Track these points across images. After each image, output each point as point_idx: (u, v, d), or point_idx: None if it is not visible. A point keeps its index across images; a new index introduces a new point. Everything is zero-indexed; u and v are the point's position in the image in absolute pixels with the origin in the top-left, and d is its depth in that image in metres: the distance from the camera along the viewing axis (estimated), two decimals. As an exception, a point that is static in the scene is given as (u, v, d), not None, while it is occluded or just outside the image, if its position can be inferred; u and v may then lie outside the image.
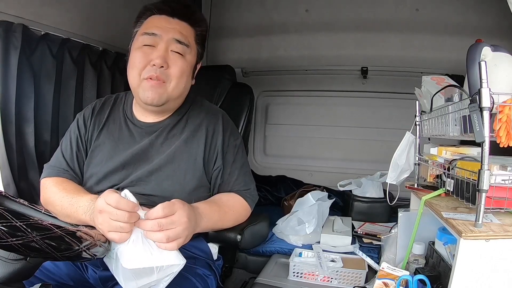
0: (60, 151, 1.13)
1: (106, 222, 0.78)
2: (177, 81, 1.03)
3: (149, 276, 0.77)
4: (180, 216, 0.82)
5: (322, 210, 1.71)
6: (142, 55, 1.01)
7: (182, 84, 1.05)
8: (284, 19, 2.31)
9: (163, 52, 1.00)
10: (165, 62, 1.00)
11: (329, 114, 2.42)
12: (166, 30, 1.02)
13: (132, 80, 1.04)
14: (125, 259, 0.77)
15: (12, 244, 0.62)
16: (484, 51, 0.87)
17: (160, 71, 1.00)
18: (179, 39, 1.02)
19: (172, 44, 1.02)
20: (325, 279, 1.31)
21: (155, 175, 1.04)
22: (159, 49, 1.01)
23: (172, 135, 1.09)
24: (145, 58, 1.00)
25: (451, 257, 0.95)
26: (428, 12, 2.07)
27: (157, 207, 0.80)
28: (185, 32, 1.04)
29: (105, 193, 0.81)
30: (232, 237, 1.08)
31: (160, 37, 1.01)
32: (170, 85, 1.02)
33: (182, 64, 1.03)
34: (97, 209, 0.80)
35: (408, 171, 1.24)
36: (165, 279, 0.80)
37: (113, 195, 0.79)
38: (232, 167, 1.12)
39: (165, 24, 1.02)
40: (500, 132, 0.79)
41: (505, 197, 0.82)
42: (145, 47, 1.01)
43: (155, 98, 1.01)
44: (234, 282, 1.67)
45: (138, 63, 1.01)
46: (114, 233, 0.78)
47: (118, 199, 0.78)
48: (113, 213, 0.77)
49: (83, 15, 1.57)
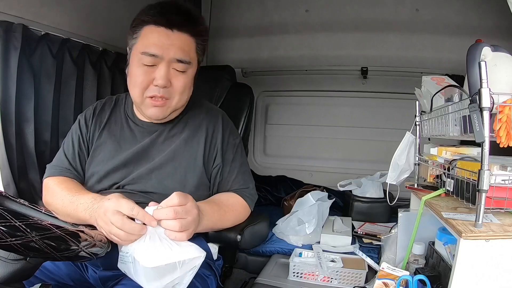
0: (62, 151, 1.13)
1: (107, 225, 0.80)
2: (180, 96, 1.03)
3: (172, 273, 0.76)
4: (192, 206, 0.84)
5: (322, 210, 1.71)
6: (143, 74, 0.98)
7: (185, 97, 1.05)
8: (284, 19, 2.31)
9: (165, 73, 0.98)
10: (168, 81, 0.99)
11: (329, 114, 2.42)
12: (166, 48, 0.96)
13: (135, 96, 1.03)
14: (145, 259, 0.75)
15: (12, 244, 0.62)
16: (484, 51, 0.87)
17: (164, 91, 0.99)
18: (180, 59, 0.98)
19: (174, 63, 0.99)
20: (325, 279, 1.31)
21: (156, 173, 1.05)
22: (160, 69, 0.97)
23: (173, 134, 1.10)
24: (147, 77, 0.98)
25: (451, 257, 0.95)
26: (428, 12, 2.07)
27: (172, 196, 0.82)
28: (186, 47, 1.00)
29: (115, 197, 0.83)
30: (232, 237, 1.07)
31: (161, 57, 0.97)
32: (174, 101, 1.03)
33: (184, 80, 1.02)
34: (102, 210, 0.82)
35: (408, 171, 1.24)
36: (189, 273, 0.79)
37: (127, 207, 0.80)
38: (231, 166, 1.12)
39: (164, 41, 0.96)
40: (500, 132, 0.79)
41: (505, 197, 0.82)
42: (146, 66, 0.98)
43: (159, 115, 1.03)
44: (234, 282, 1.67)
45: (140, 82, 0.99)
46: (113, 235, 0.79)
47: (129, 223, 0.79)
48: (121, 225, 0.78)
49: (83, 15, 1.57)
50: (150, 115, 1.04)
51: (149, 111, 1.02)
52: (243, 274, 1.69)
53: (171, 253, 0.77)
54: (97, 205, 0.87)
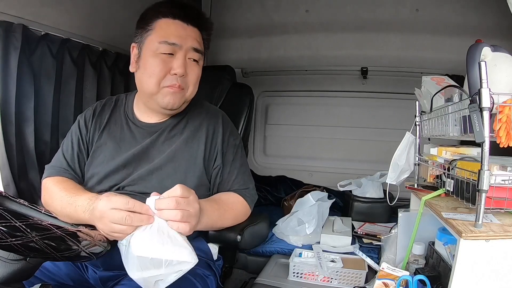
0: (61, 152, 1.13)
1: (107, 226, 0.79)
2: (194, 87, 1.08)
3: (156, 269, 0.76)
4: (194, 201, 0.85)
5: (322, 211, 1.71)
6: (161, 64, 1.01)
7: (196, 88, 1.10)
8: (284, 19, 2.31)
9: (183, 61, 1.02)
10: (185, 71, 1.03)
11: (329, 114, 2.42)
12: (184, 38, 1.02)
13: (150, 87, 1.03)
14: (135, 246, 0.76)
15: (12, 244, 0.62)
16: (484, 51, 0.87)
17: (181, 80, 1.03)
18: (196, 48, 1.04)
19: (190, 52, 1.04)
20: (325, 279, 1.31)
21: (156, 174, 1.05)
22: (179, 58, 1.02)
23: (173, 135, 1.10)
24: (165, 67, 1.01)
25: (451, 257, 0.95)
26: (428, 12, 2.07)
27: (176, 187, 0.82)
28: (199, 39, 1.06)
29: (105, 196, 0.82)
30: (232, 237, 1.07)
31: (179, 46, 1.02)
32: (188, 91, 1.07)
33: (198, 71, 1.08)
34: (97, 213, 0.81)
35: (408, 171, 1.24)
36: (173, 275, 0.77)
37: (115, 198, 0.80)
38: (231, 166, 1.13)
39: (182, 32, 1.03)
40: (500, 132, 0.79)
41: (505, 197, 0.82)
42: (163, 55, 1.01)
43: (175, 103, 1.05)
44: (234, 282, 1.67)
45: (158, 71, 1.01)
46: (117, 233, 0.79)
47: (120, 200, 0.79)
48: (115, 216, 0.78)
49: (83, 15, 1.57)
50: (167, 104, 1.04)
51: (166, 99, 1.04)
52: (243, 274, 1.69)
53: (162, 249, 0.76)
54: (92, 207, 0.86)
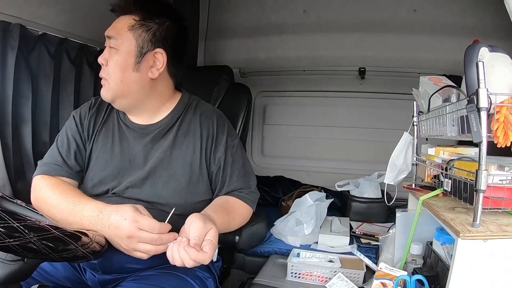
0: (56, 148, 1.09)
1: (133, 245, 0.81)
2: (115, 76, 1.01)
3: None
4: (214, 231, 0.82)
5: (320, 211, 1.71)
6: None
7: (121, 79, 1.01)
8: (281, 19, 2.31)
9: (105, 51, 1.03)
10: (105, 59, 1.03)
11: (327, 114, 2.42)
12: (108, 30, 1.04)
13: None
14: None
15: (10, 245, 0.61)
16: (482, 52, 0.87)
17: (102, 69, 1.04)
18: (109, 35, 1.03)
19: (107, 40, 1.04)
20: (323, 279, 1.31)
21: (150, 180, 1.03)
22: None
23: (166, 139, 1.08)
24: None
25: (449, 257, 0.95)
26: (425, 13, 2.07)
27: (193, 227, 0.79)
28: (119, 24, 1.03)
29: (134, 222, 0.81)
30: (230, 238, 1.07)
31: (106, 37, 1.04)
32: (110, 82, 1.02)
33: (117, 57, 1.01)
34: (122, 232, 0.81)
35: (406, 171, 1.24)
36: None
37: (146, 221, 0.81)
38: (231, 168, 1.10)
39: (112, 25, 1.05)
40: (498, 132, 0.79)
41: (502, 197, 0.82)
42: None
43: (104, 96, 1.05)
44: (232, 282, 1.67)
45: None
46: (140, 253, 0.82)
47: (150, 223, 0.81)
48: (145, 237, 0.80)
49: (81, 15, 1.56)
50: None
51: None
52: (241, 274, 1.69)
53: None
54: (106, 221, 0.84)
